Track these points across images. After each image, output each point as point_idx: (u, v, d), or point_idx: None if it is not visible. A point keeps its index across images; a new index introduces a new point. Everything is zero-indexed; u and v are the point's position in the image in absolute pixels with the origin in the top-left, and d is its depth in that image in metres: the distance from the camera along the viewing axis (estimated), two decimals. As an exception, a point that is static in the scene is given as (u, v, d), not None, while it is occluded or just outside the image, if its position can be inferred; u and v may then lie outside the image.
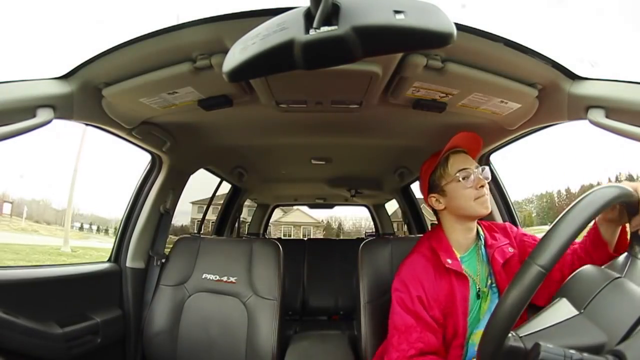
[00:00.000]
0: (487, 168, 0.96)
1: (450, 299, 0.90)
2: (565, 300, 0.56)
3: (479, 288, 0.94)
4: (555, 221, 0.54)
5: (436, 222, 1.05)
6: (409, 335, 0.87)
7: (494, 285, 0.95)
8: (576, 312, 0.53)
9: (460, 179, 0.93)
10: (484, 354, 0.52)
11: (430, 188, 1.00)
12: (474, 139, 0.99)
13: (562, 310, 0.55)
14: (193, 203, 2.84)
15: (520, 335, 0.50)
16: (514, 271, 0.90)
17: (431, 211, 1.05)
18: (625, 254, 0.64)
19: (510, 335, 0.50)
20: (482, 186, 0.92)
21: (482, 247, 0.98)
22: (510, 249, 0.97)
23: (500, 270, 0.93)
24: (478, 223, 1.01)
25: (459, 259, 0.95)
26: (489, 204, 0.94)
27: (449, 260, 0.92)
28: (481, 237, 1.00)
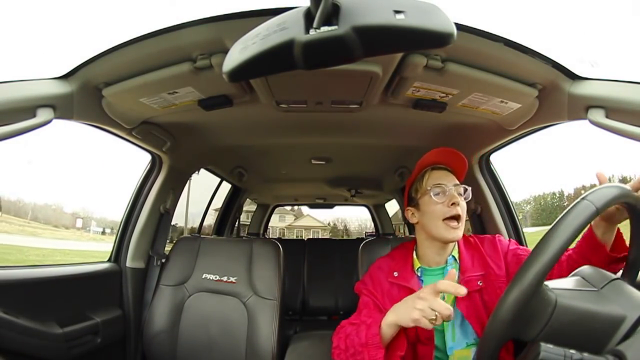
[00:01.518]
0: (468, 188, 0.94)
1: None
2: (581, 278, 0.58)
3: None
4: (556, 219, 0.54)
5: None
6: (361, 310, 0.93)
7: (455, 307, 0.89)
8: (594, 289, 0.55)
9: (432, 194, 0.92)
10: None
11: (409, 200, 1.01)
12: (453, 155, 0.96)
13: (580, 284, 0.57)
14: (216, 210, 2.88)
15: (552, 287, 0.53)
16: (492, 295, 0.90)
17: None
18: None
19: (545, 285, 0.52)
20: (454, 204, 0.89)
21: (454, 269, 0.91)
22: (480, 283, 0.90)
23: (460, 299, 0.88)
24: (458, 242, 0.97)
25: (418, 272, 0.95)
26: (459, 232, 0.90)
27: (395, 274, 0.95)
28: (455, 259, 0.95)
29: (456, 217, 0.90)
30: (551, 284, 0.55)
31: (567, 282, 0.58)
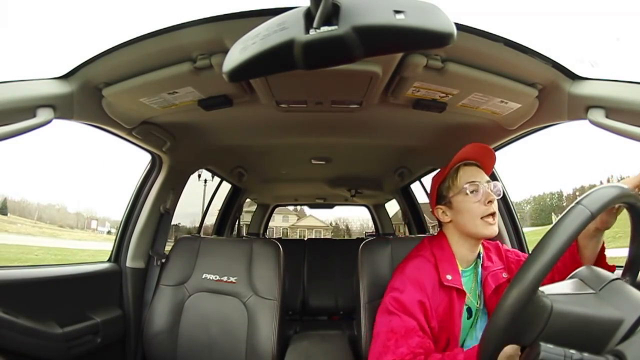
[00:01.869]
0: (499, 184, 0.92)
1: (448, 312, 0.86)
2: (579, 281, 0.58)
3: (469, 307, 0.91)
4: (551, 226, 0.54)
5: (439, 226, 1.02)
6: (409, 338, 0.79)
7: (484, 307, 0.92)
8: (592, 291, 0.55)
9: (468, 192, 0.89)
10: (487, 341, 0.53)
11: (438, 199, 0.96)
12: (486, 151, 0.94)
13: (578, 286, 0.56)
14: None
15: (547, 294, 0.52)
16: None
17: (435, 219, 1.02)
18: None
19: (539, 292, 0.51)
20: (490, 202, 0.88)
21: (480, 266, 0.96)
22: (505, 275, 0.94)
23: (492, 295, 0.91)
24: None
25: (460, 273, 0.91)
26: (496, 227, 0.88)
27: (449, 277, 0.88)
28: (481, 255, 0.96)
29: (493, 214, 0.88)
30: (548, 289, 0.54)
31: (564, 286, 0.57)
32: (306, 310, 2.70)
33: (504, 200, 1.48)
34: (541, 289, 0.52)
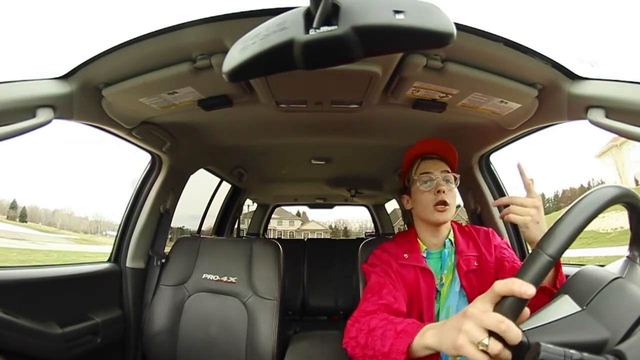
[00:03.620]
0: (456, 175, 0.98)
1: (415, 287, 0.93)
2: (568, 297, 0.56)
3: (437, 288, 0.95)
4: (562, 214, 0.54)
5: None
6: (380, 290, 0.90)
7: (462, 290, 0.95)
8: (578, 309, 0.53)
9: (421, 182, 0.97)
10: None
11: (403, 188, 1.07)
12: (440, 144, 1.00)
13: (564, 306, 0.54)
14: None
15: (524, 330, 0.50)
16: (484, 280, 0.91)
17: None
18: (625, 258, 0.63)
19: None
20: (440, 191, 0.94)
21: (452, 252, 1.00)
22: (475, 263, 0.97)
23: (467, 276, 0.95)
24: (453, 227, 1.04)
25: (424, 253, 0.99)
26: (446, 214, 0.95)
27: (405, 255, 0.98)
28: (451, 242, 1.01)
29: (443, 202, 0.94)
30: (526, 324, 0.51)
31: (547, 313, 0.54)
32: (306, 310, 2.70)
33: (504, 200, 1.47)
34: (521, 326, 0.50)
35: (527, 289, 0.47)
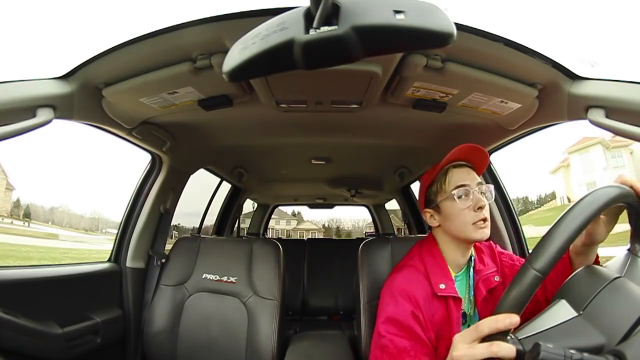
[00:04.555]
0: (491, 187, 0.87)
1: (445, 321, 0.82)
2: (565, 302, 0.55)
3: (464, 311, 0.87)
4: (553, 223, 0.53)
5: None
6: (399, 355, 0.77)
7: (476, 314, 0.88)
8: (575, 314, 0.53)
9: (457, 197, 0.84)
10: None
11: (426, 202, 0.92)
12: (478, 152, 0.88)
13: (561, 311, 0.54)
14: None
15: (519, 338, 0.50)
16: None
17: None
18: (626, 252, 0.63)
19: (509, 337, 0.50)
20: (481, 208, 0.82)
21: (472, 269, 0.91)
22: (497, 278, 0.89)
23: (483, 301, 0.86)
24: None
25: (454, 279, 0.87)
26: (487, 230, 0.83)
27: (442, 286, 0.83)
28: (472, 258, 0.92)
29: (484, 219, 0.83)
30: (523, 332, 0.51)
31: (543, 319, 0.54)
32: (306, 310, 2.70)
33: (504, 200, 1.48)
34: (517, 334, 0.50)
35: (511, 321, 0.48)
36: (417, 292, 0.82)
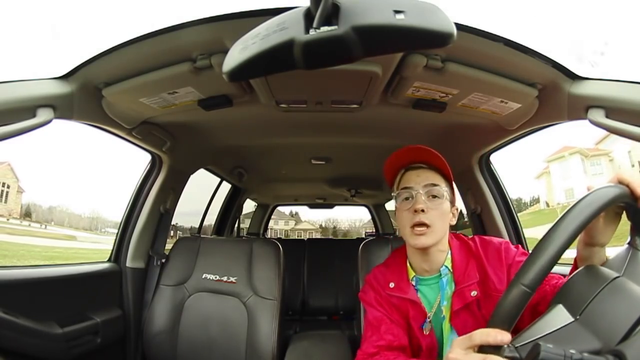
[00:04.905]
0: (444, 189, 0.83)
1: (406, 319, 0.85)
2: (561, 307, 0.55)
3: (429, 319, 0.83)
4: (541, 237, 0.52)
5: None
6: (379, 326, 0.84)
7: (451, 326, 0.83)
8: (571, 319, 0.52)
9: (400, 199, 0.84)
10: None
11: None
12: (422, 151, 0.86)
13: (557, 317, 0.53)
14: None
15: (516, 346, 0.50)
16: (489, 309, 0.73)
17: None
18: (626, 246, 0.62)
19: (506, 347, 0.49)
20: (416, 211, 0.79)
21: (451, 280, 0.85)
22: (474, 293, 0.80)
23: (455, 312, 0.81)
24: (452, 247, 0.87)
25: (412, 281, 0.87)
26: (424, 238, 0.79)
27: (391, 284, 0.87)
28: (449, 269, 0.85)
29: (420, 224, 0.79)
30: (518, 340, 0.51)
31: (540, 326, 0.53)
32: (306, 310, 2.70)
33: (504, 200, 1.48)
34: (514, 342, 0.50)
35: (502, 338, 0.49)
36: (380, 287, 0.89)
